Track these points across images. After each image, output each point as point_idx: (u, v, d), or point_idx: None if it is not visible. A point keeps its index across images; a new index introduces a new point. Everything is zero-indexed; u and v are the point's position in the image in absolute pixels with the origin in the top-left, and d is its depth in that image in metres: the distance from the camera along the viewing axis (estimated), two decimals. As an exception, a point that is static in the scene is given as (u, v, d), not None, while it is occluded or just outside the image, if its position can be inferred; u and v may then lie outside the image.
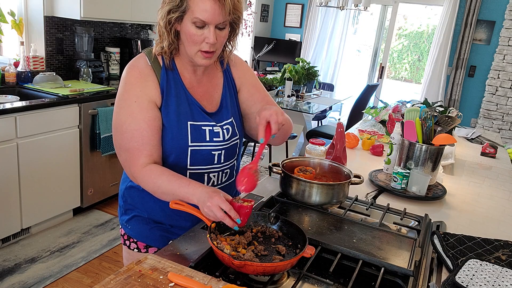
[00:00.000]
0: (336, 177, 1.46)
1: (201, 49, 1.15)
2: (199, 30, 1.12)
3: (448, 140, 1.65)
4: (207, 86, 1.29)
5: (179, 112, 1.21)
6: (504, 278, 1.03)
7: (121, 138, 1.18)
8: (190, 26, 1.12)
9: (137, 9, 3.53)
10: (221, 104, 1.30)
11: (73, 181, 3.01)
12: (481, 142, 2.83)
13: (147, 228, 1.34)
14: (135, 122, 1.16)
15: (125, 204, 1.37)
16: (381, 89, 6.21)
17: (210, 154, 1.25)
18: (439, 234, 1.23)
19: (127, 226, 1.37)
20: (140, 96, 1.17)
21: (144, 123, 1.16)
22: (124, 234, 1.40)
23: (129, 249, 1.39)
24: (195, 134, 1.22)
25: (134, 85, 1.18)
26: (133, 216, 1.35)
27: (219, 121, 1.27)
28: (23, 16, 3.22)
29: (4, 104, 2.51)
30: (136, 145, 1.16)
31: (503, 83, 5.16)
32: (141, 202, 1.32)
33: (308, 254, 1.02)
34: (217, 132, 1.26)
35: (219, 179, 1.31)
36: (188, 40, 1.15)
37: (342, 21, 6.23)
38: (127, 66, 1.22)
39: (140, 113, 1.16)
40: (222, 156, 1.29)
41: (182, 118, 1.21)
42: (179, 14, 1.12)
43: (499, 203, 1.74)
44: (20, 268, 2.51)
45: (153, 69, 1.20)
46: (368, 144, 2.30)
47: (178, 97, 1.22)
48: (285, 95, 4.45)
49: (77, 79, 3.42)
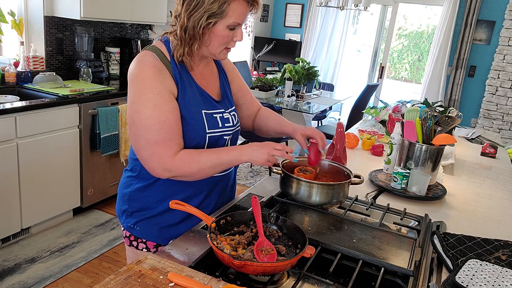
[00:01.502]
0: (336, 177, 1.46)
1: (228, 46, 1.22)
2: (231, 31, 1.18)
3: (448, 140, 1.65)
4: (209, 77, 1.34)
5: (194, 102, 1.24)
6: (504, 278, 1.03)
7: (149, 132, 1.16)
8: (224, 29, 1.16)
9: (137, 9, 3.53)
10: (222, 93, 1.37)
11: (73, 181, 3.01)
12: (481, 142, 2.83)
13: (157, 228, 1.34)
14: (162, 113, 1.16)
15: (130, 208, 1.36)
16: (381, 89, 6.21)
17: (223, 139, 1.32)
18: (439, 234, 1.23)
19: (134, 228, 1.36)
20: (162, 89, 1.17)
21: (170, 114, 1.17)
22: (130, 235, 1.39)
23: (137, 249, 1.39)
24: (211, 122, 1.27)
25: (152, 79, 1.17)
26: (141, 219, 1.35)
27: (227, 108, 1.34)
28: (23, 16, 3.22)
29: (4, 104, 2.51)
30: (167, 136, 1.17)
31: (503, 83, 5.16)
32: (150, 202, 1.32)
33: (308, 254, 1.02)
34: (227, 118, 1.32)
35: None
36: (219, 41, 1.19)
37: (342, 21, 6.23)
38: (137, 64, 1.20)
39: (165, 104, 1.17)
40: (229, 142, 1.36)
41: (198, 108, 1.25)
42: (217, 20, 1.15)
43: (499, 203, 1.74)
44: (20, 268, 2.51)
45: (164, 64, 1.21)
46: (368, 144, 2.30)
47: (191, 89, 1.25)
48: (285, 95, 4.45)
49: (77, 79, 3.42)
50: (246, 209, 1.33)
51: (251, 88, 4.45)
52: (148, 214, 1.33)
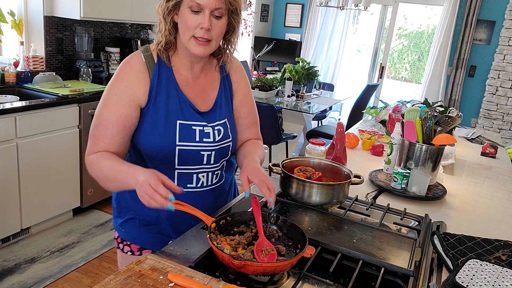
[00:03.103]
0: (336, 177, 1.46)
1: (195, 34, 1.13)
2: (195, 15, 1.12)
3: (448, 140, 1.65)
4: (203, 84, 1.28)
5: (168, 110, 1.20)
6: (504, 278, 1.03)
7: (92, 124, 1.20)
8: (186, 11, 1.12)
9: (137, 9, 3.53)
10: (215, 104, 1.28)
11: (73, 181, 3.01)
12: (481, 142, 2.83)
13: (141, 230, 1.32)
14: (106, 113, 1.17)
15: (118, 207, 1.35)
16: (381, 89, 6.20)
17: (199, 154, 1.23)
18: (439, 234, 1.23)
19: (121, 229, 1.36)
20: (122, 91, 1.17)
21: (113, 117, 1.16)
22: (118, 237, 1.38)
23: (123, 252, 1.38)
24: (184, 133, 1.21)
25: (121, 79, 1.18)
26: (127, 219, 1.33)
27: (211, 121, 1.25)
28: (23, 16, 3.21)
29: (4, 104, 2.51)
30: (98, 134, 1.18)
31: (503, 83, 5.16)
32: (135, 203, 1.29)
33: (308, 254, 1.02)
34: (207, 132, 1.24)
35: (209, 180, 1.29)
36: (183, 26, 1.14)
37: (342, 21, 6.23)
38: (122, 61, 1.23)
39: (115, 107, 1.17)
40: (212, 158, 1.26)
41: (171, 117, 1.20)
42: (176, 1, 1.12)
43: (499, 203, 1.74)
44: (20, 268, 2.51)
45: (147, 65, 1.20)
46: (368, 144, 2.30)
47: (168, 95, 1.21)
48: (285, 95, 4.45)
49: (77, 79, 3.42)
50: (246, 210, 1.32)
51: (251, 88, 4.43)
52: (133, 215, 1.32)
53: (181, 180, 1.25)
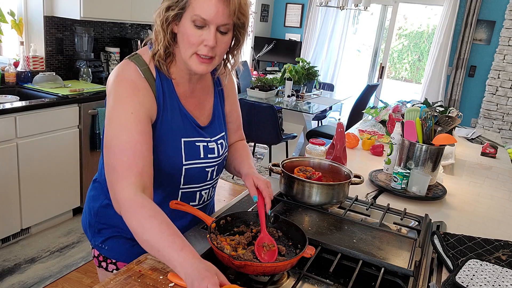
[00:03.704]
0: (336, 177, 1.46)
1: (198, 52, 1.02)
2: (198, 30, 1.00)
3: (448, 140, 1.65)
4: (200, 96, 1.19)
5: (173, 127, 1.10)
6: (504, 278, 1.03)
7: (109, 155, 1.00)
8: (188, 25, 1.00)
9: (137, 9, 3.53)
10: (213, 115, 1.21)
11: (73, 181, 3.01)
12: (481, 142, 2.83)
13: (128, 246, 1.20)
14: (128, 134, 1.00)
15: (97, 224, 1.22)
16: (381, 89, 6.21)
17: (204, 171, 1.17)
18: (439, 234, 1.23)
19: (102, 247, 1.22)
20: (138, 109, 1.02)
21: (139, 136, 1.00)
22: (98, 255, 1.24)
23: (107, 271, 1.24)
24: (189, 151, 1.12)
25: (129, 97, 1.03)
26: (110, 236, 1.21)
27: (213, 135, 1.19)
28: (23, 16, 3.21)
29: (4, 104, 2.51)
30: (126, 160, 0.98)
31: (503, 83, 5.16)
32: (120, 221, 1.05)
33: (308, 254, 1.02)
34: (212, 148, 1.17)
35: (210, 195, 1.28)
36: (185, 41, 1.02)
37: (342, 21, 6.23)
38: (115, 78, 1.06)
39: (136, 125, 1.01)
40: (215, 172, 1.22)
41: (176, 135, 1.11)
42: (178, 11, 1.00)
43: (499, 203, 1.74)
44: (20, 268, 2.51)
45: (147, 81, 1.07)
46: (368, 144, 2.30)
47: (172, 111, 1.10)
48: (285, 95, 4.45)
49: (77, 79, 3.42)
50: (246, 210, 1.32)
51: (250, 88, 4.44)
52: (118, 232, 1.19)
53: (184, 199, 1.20)
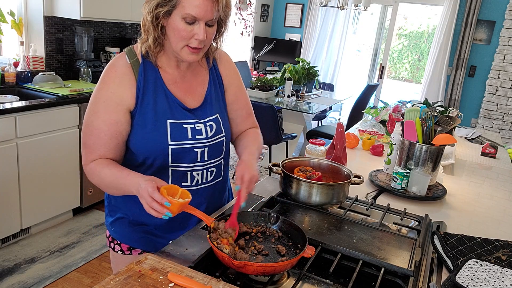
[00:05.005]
0: (336, 177, 1.46)
1: (189, 44, 1.12)
2: (189, 26, 1.09)
3: (448, 140, 1.65)
4: (191, 81, 1.26)
5: (157, 110, 1.19)
6: (504, 279, 1.03)
7: (83, 131, 1.20)
8: (179, 21, 1.09)
9: (137, 9, 3.53)
10: (205, 99, 1.27)
11: (73, 181, 3.00)
12: (481, 142, 2.83)
13: (130, 230, 1.32)
14: (96, 121, 1.17)
15: (109, 205, 1.35)
16: (381, 89, 6.21)
17: (193, 151, 1.23)
18: (439, 234, 1.23)
19: (111, 228, 1.35)
20: (109, 98, 1.16)
21: (104, 126, 1.16)
22: (109, 236, 1.38)
23: (114, 251, 1.38)
24: (176, 133, 1.20)
25: (107, 84, 1.17)
26: (117, 218, 1.33)
27: (202, 117, 1.25)
28: (23, 16, 3.21)
29: (4, 104, 2.51)
30: (92, 144, 1.18)
31: (504, 83, 5.16)
32: (124, 203, 1.30)
33: (308, 254, 1.02)
34: (199, 129, 1.23)
35: (204, 178, 1.28)
36: (176, 35, 1.11)
37: (342, 21, 6.23)
38: (107, 65, 1.21)
39: (104, 114, 1.16)
40: (206, 154, 1.26)
41: (161, 117, 1.19)
42: (168, 9, 1.08)
43: (499, 203, 1.74)
44: (20, 268, 2.51)
45: (132, 67, 1.18)
46: (368, 144, 2.30)
47: (156, 95, 1.19)
48: (285, 95, 4.45)
49: (77, 79, 3.42)
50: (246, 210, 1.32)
51: (250, 88, 4.44)
52: (123, 214, 1.31)
53: (176, 178, 1.24)
